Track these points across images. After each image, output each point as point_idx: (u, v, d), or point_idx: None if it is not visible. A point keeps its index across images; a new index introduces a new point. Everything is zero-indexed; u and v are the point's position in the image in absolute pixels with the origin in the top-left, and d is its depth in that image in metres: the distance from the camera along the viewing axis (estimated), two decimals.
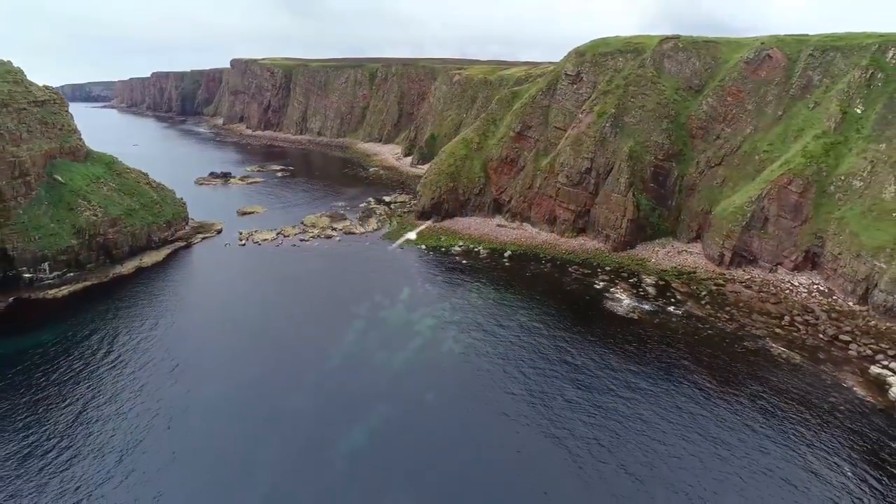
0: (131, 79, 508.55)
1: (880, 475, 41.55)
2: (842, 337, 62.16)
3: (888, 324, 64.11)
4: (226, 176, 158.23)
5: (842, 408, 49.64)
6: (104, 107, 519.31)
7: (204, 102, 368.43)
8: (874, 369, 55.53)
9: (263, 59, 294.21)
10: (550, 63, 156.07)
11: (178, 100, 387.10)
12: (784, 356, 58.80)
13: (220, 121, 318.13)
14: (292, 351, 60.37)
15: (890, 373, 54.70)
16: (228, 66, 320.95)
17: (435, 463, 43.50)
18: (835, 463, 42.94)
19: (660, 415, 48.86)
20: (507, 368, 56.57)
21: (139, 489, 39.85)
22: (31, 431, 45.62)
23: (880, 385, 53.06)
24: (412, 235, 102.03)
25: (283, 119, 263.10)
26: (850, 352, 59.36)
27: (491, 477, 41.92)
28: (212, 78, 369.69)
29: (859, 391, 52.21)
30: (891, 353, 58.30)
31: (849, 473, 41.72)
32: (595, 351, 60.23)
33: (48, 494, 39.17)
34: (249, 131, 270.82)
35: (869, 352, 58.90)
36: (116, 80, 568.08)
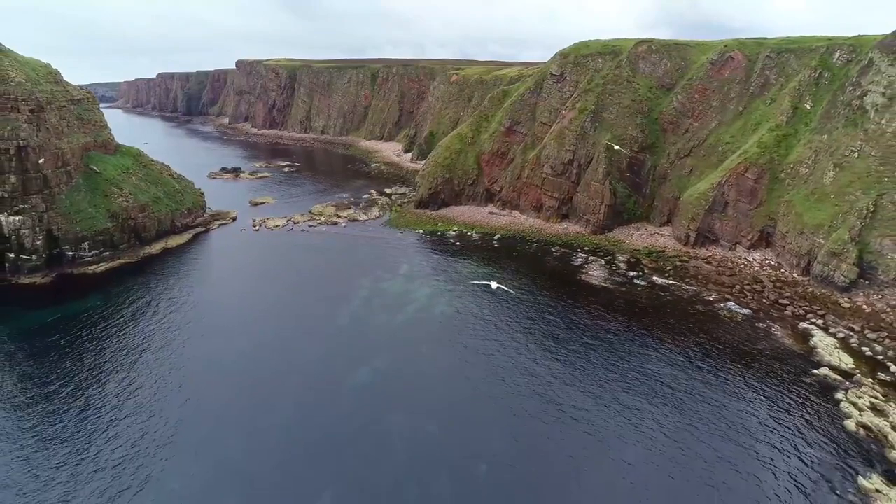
0: (137, 80, 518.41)
1: (791, 397, 51.32)
2: (781, 301, 71.89)
3: (823, 290, 73.83)
4: (236, 171, 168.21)
5: (768, 352, 59.45)
6: (109, 107, 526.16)
7: (209, 103, 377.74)
8: (802, 325, 65.28)
9: (268, 60, 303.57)
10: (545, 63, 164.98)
11: (183, 100, 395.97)
12: (729, 315, 68.63)
13: (225, 120, 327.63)
14: (306, 314, 70.40)
15: (815, 327, 64.46)
16: (233, 66, 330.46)
17: (428, 390, 53.39)
18: (761, 387, 52.84)
19: (620, 355, 58.83)
20: (494, 323, 66.45)
21: (197, 407, 50.05)
22: (111, 370, 55.63)
23: (805, 337, 62.76)
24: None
25: (288, 118, 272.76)
26: (785, 312, 69.07)
27: (477, 402, 51.63)
28: (216, 79, 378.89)
29: (786, 341, 61.99)
30: (820, 312, 67.97)
31: (765, 395, 51.52)
32: (570, 310, 70.12)
33: (125, 410, 49.09)
34: (255, 130, 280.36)
35: (801, 312, 68.64)
36: (120, 80, 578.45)
